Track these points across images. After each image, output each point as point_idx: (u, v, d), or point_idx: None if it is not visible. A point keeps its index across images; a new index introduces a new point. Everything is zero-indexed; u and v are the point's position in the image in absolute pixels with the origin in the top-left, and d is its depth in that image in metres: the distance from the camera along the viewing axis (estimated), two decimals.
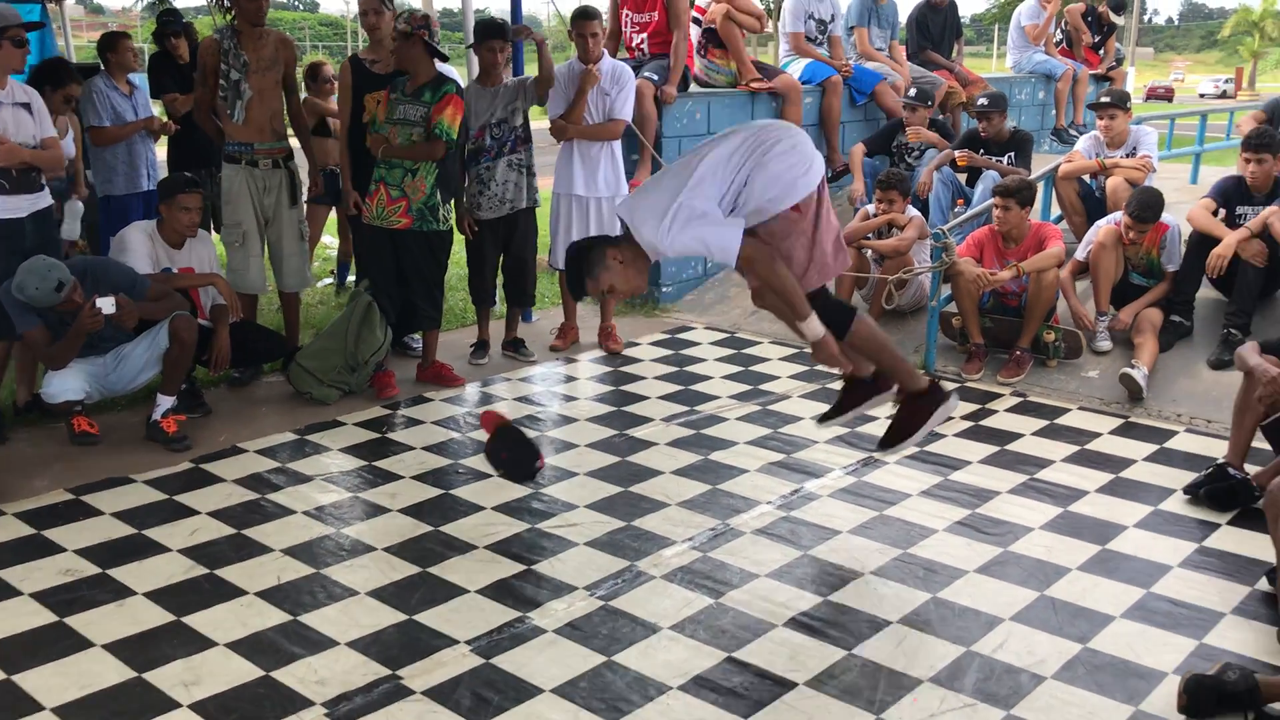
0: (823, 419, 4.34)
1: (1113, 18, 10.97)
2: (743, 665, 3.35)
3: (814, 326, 3.75)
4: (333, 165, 7.56)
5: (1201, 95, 46.50)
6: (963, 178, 7.53)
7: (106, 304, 4.83)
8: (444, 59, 5.82)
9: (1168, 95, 43.62)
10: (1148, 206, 5.91)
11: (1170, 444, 5.20)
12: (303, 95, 6.61)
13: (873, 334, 4.01)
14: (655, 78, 7.22)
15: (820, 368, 5.12)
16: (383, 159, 5.64)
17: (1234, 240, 5.81)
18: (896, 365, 4.08)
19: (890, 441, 4.16)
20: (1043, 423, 5.47)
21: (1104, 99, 7.04)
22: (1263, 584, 3.84)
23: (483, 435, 5.19)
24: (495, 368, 6.33)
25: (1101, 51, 11.05)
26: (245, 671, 3.30)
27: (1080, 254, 6.32)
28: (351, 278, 7.37)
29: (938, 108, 8.52)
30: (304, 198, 6.12)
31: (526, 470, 4.14)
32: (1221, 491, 4.50)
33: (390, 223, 5.67)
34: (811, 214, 3.77)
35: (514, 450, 4.12)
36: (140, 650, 3.40)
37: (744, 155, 3.68)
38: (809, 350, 3.91)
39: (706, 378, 6.21)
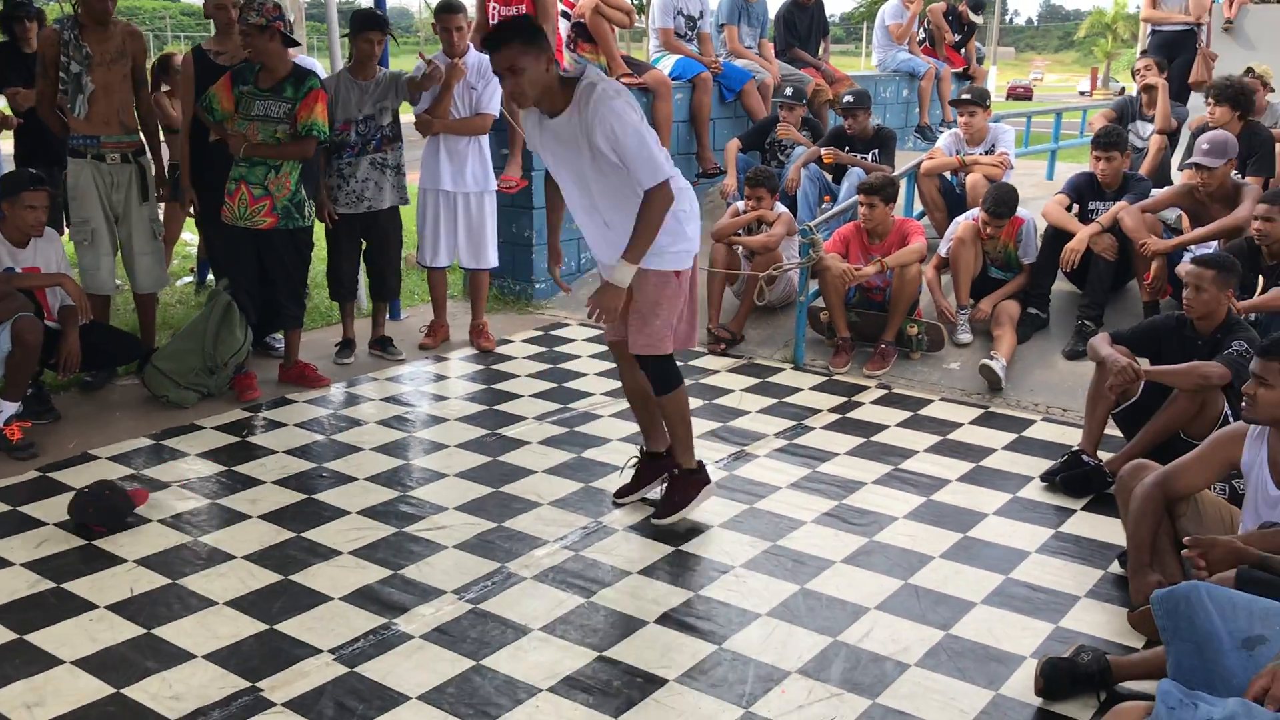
0: (618, 495, 4.53)
1: (972, 17, 11.28)
2: (613, 663, 3.33)
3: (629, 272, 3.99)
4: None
5: (1082, 93, 48.28)
6: (829, 175, 7.65)
7: None
8: (297, 45, 5.68)
9: (1027, 94, 45.13)
10: (1002, 202, 6.09)
11: (1028, 433, 5.36)
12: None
13: (685, 405, 4.31)
14: None
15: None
16: (245, 157, 5.44)
17: (1086, 235, 6.02)
18: (688, 440, 4.35)
19: (666, 513, 4.32)
20: (907, 414, 5.59)
21: (964, 96, 7.23)
22: (1115, 567, 3.98)
23: (349, 439, 5.10)
24: (362, 367, 6.20)
25: (963, 51, 11.36)
26: (94, 690, 3.15)
27: (941, 249, 6.48)
28: (213, 276, 7.12)
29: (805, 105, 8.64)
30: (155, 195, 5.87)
31: (121, 514, 4.18)
32: (1076, 478, 4.65)
33: (254, 223, 5.48)
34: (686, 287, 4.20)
35: (100, 502, 4.15)
36: None
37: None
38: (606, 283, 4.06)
39: (580, 375, 6.18)
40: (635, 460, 4.56)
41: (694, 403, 5.65)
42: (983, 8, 11.65)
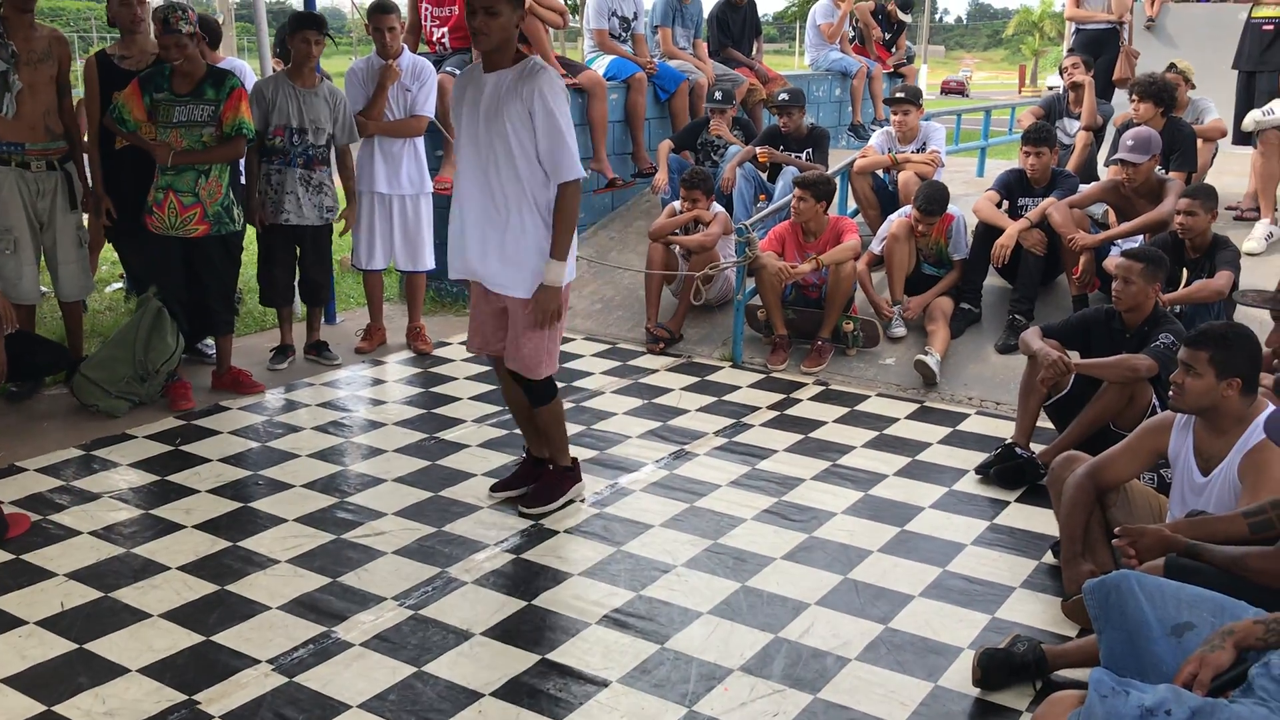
0: (494, 489, 4.60)
1: (900, 16, 11.41)
2: (556, 666, 3.33)
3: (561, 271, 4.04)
4: None
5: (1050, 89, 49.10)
6: (765, 174, 7.69)
7: None
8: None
9: (960, 89, 45.77)
10: (933, 199, 6.18)
11: (962, 426, 5.44)
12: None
13: (560, 410, 4.42)
14: (457, 72, 7.10)
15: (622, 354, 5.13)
16: (173, 166, 5.31)
17: (1015, 230, 6.12)
18: (564, 441, 4.48)
19: (535, 504, 4.41)
20: (844, 409, 5.65)
21: (898, 95, 7.31)
22: (1048, 557, 4.05)
23: (285, 446, 5.03)
24: (297, 372, 6.12)
25: (893, 49, 11.48)
26: (23, 708, 3.08)
27: (875, 246, 6.55)
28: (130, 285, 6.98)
29: (739, 105, 8.69)
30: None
31: None
32: (1009, 470, 4.73)
33: (186, 232, 5.37)
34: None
35: None
36: None
37: None
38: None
39: None
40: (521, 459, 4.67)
41: (634, 402, 5.68)
42: (911, 6, 11.80)
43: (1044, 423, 4.92)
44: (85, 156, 5.72)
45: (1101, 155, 7.72)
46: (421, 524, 4.29)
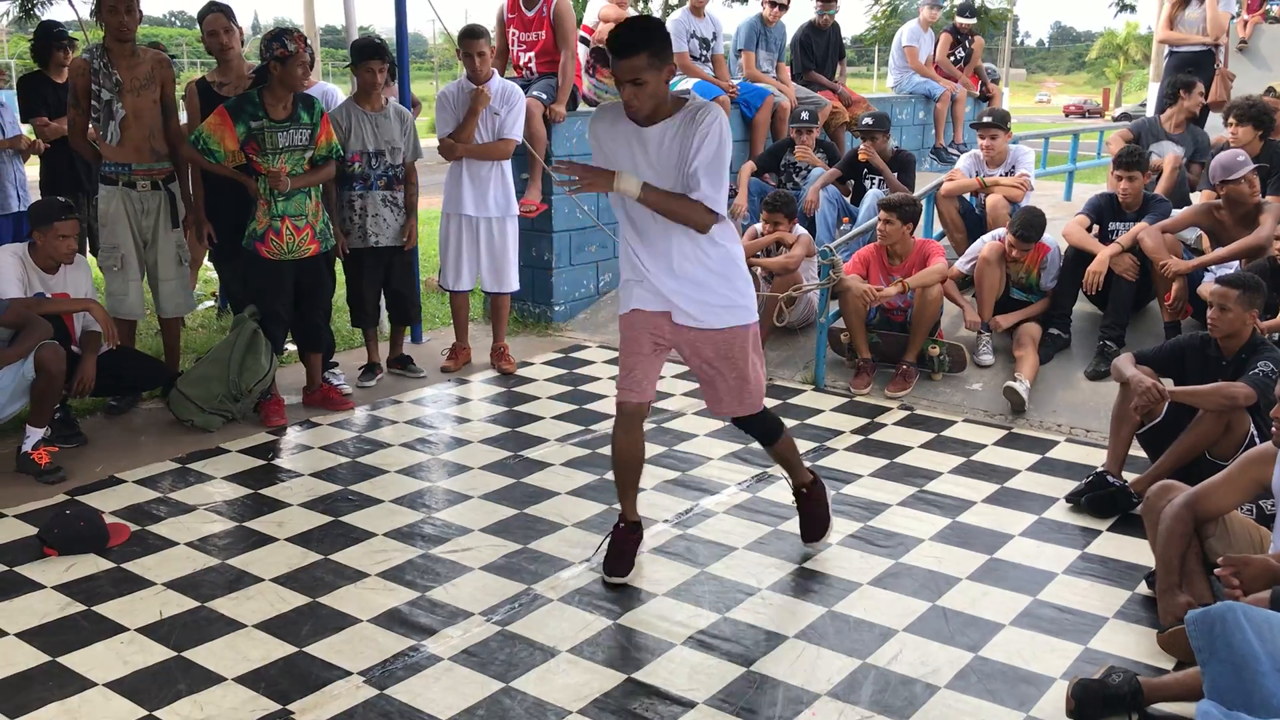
0: (613, 574, 4.07)
1: (962, 21, 11.23)
2: (642, 686, 3.33)
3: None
4: None
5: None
6: (848, 197, 7.67)
7: None
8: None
9: (1087, 111, 45.59)
10: (1031, 226, 6.10)
11: (1052, 454, 5.35)
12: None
13: (791, 442, 4.24)
14: (544, 96, 7.20)
15: None
16: (286, 193, 5.40)
17: (1106, 255, 6.02)
18: (800, 459, 4.28)
19: (815, 535, 4.31)
20: (930, 435, 5.59)
21: (986, 119, 7.24)
22: (1142, 588, 3.96)
23: (374, 461, 5.12)
24: (384, 390, 6.23)
25: (965, 68, 11.30)
26: (126, 712, 3.16)
27: (963, 265, 6.48)
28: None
29: (821, 128, 8.68)
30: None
31: (83, 545, 4.17)
32: (1102, 499, 4.64)
33: (301, 253, 5.52)
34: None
35: (65, 526, 4.15)
36: (11, 695, 3.23)
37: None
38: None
39: (600, 396, 6.20)
40: (611, 537, 4.11)
41: (715, 424, 5.68)
42: (971, 9, 11.63)
43: (1137, 451, 4.82)
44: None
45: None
46: (507, 540, 4.33)
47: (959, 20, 10.99)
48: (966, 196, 7.23)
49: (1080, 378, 6.05)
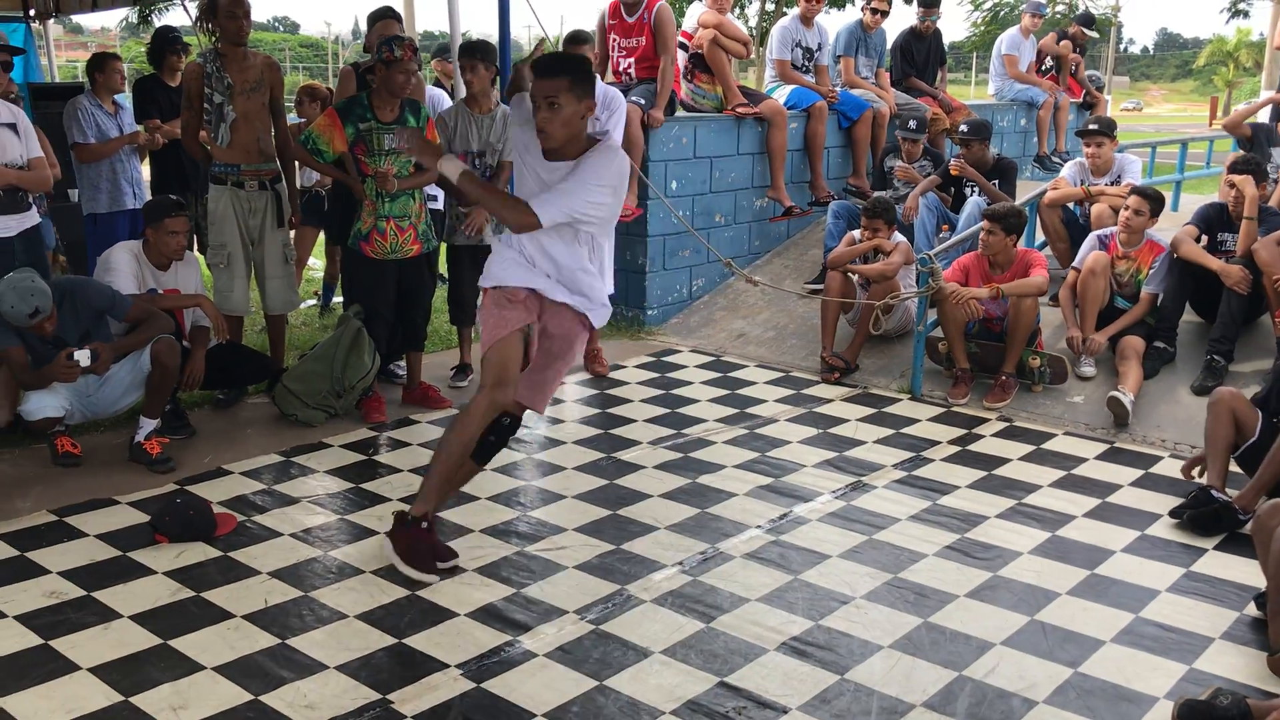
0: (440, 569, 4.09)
1: (1087, 33, 11.03)
2: (735, 690, 3.33)
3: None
4: (318, 188, 7.55)
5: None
6: (948, 205, 7.58)
7: (83, 357, 4.79)
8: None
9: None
10: (1149, 196, 6.12)
11: (1155, 469, 5.23)
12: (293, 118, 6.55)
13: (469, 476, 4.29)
14: (642, 102, 7.25)
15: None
16: (391, 194, 5.51)
17: (1220, 267, 5.87)
18: (445, 496, 4.26)
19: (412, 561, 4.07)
20: (1029, 447, 5.49)
21: (1091, 127, 7.10)
22: (1251, 609, 3.85)
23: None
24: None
25: (1059, 74, 11.09)
26: (233, 695, 3.26)
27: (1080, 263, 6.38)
28: (338, 299, 7.33)
29: None
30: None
31: (193, 533, 4.28)
32: (1206, 515, 4.52)
33: (405, 253, 5.64)
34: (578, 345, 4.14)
35: (176, 515, 4.27)
36: (127, 674, 3.35)
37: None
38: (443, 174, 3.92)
39: (693, 400, 6.21)
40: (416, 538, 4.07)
41: (808, 431, 5.66)
42: (1094, 22, 11.41)
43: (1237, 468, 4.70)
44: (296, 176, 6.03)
45: None
46: (600, 541, 4.37)
47: (1077, 30, 10.83)
48: (1070, 205, 7.10)
49: (1185, 392, 5.90)
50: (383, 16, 6.05)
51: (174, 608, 3.77)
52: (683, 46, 8.00)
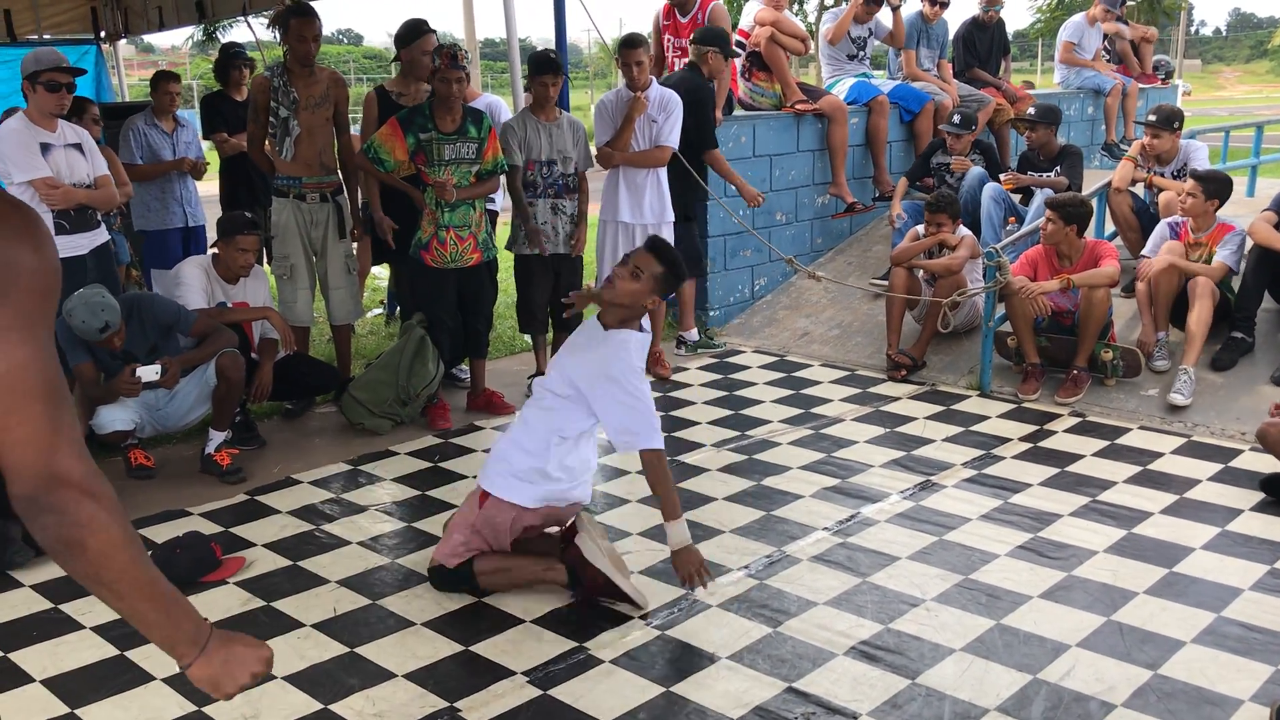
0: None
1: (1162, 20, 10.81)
2: (804, 695, 3.29)
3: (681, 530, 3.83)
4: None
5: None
6: (1016, 196, 7.45)
7: (148, 372, 4.88)
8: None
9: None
10: (1214, 180, 6.01)
11: (1235, 463, 5.08)
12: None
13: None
14: None
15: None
16: (451, 204, 5.55)
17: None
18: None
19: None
20: (1103, 443, 5.37)
21: (1150, 118, 6.91)
22: None
23: None
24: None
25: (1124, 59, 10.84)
26: (303, 704, 3.29)
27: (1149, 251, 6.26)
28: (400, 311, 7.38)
29: (985, 125, 8.47)
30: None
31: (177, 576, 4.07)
32: None
33: (464, 262, 5.67)
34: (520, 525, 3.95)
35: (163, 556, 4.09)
36: None
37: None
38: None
39: (757, 402, 6.16)
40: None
41: (875, 430, 5.59)
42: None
43: None
44: (358, 189, 6.07)
45: None
46: (665, 545, 4.32)
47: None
48: (1140, 194, 6.93)
49: (1264, 383, 5.73)
50: (422, 32, 6.00)
51: (245, 617, 3.81)
52: (740, 44, 7.95)
